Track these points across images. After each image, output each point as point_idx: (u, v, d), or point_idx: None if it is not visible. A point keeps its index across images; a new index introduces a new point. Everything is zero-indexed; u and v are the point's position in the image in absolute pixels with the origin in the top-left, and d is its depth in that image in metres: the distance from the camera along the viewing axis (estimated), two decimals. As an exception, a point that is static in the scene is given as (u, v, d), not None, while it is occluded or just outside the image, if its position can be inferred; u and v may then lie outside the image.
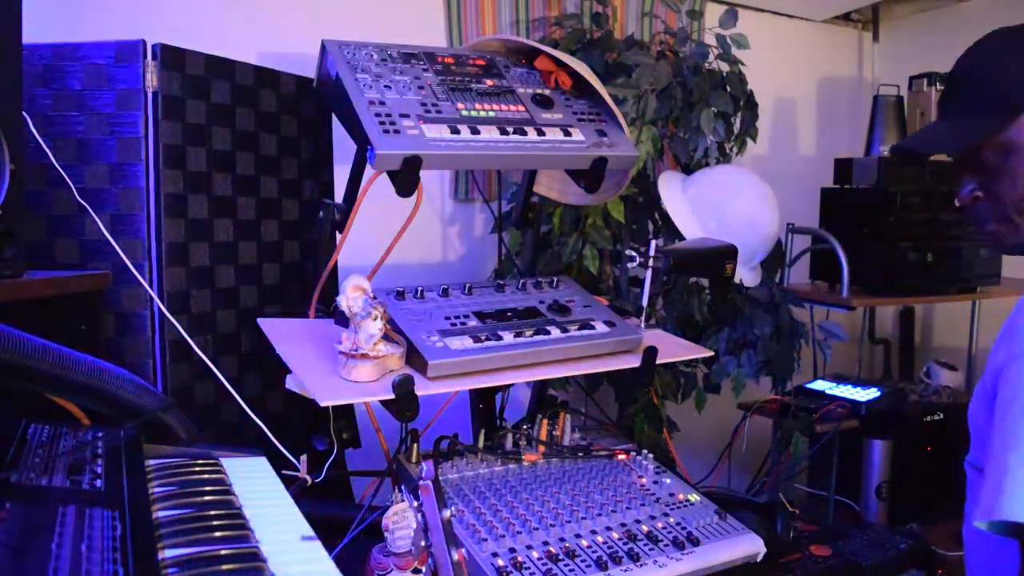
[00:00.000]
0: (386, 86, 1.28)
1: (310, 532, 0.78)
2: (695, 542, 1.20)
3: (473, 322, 1.29)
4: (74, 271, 1.33)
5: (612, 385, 2.04)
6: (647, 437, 1.94)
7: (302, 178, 1.69)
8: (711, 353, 1.64)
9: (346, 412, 1.33)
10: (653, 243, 1.53)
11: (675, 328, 1.88)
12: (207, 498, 0.81)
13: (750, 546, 1.24)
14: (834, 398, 2.20)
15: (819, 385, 2.34)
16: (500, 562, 1.09)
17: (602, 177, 1.39)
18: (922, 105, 2.44)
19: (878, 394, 2.18)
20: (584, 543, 1.15)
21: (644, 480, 1.37)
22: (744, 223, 1.82)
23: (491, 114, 1.32)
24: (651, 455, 1.45)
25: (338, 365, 1.16)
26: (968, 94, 1.03)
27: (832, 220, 2.46)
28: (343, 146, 1.62)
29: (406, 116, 1.24)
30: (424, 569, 1.06)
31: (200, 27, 1.90)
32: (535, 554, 1.11)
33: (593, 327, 1.36)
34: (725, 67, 2.03)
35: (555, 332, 1.31)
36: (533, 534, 1.15)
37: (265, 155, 1.59)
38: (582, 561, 1.11)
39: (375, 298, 1.16)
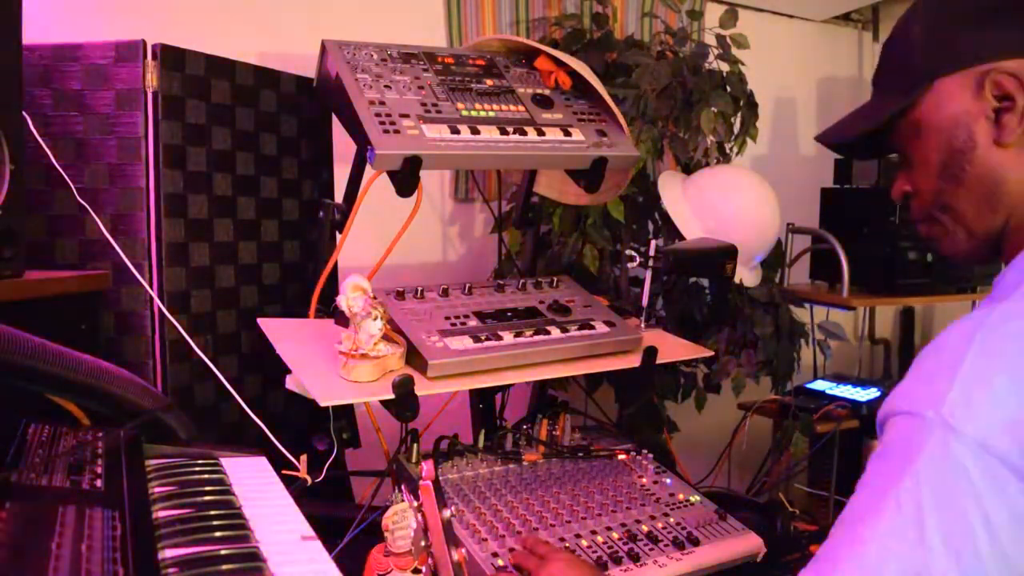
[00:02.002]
0: (386, 86, 1.28)
1: (310, 532, 0.78)
2: (695, 542, 1.20)
3: (473, 322, 1.29)
4: (74, 271, 1.33)
5: (612, 385, 2.04)
6: (647, 437, 1.94)
7: (302, 178, 1.69)
8: (711, 353, 1.64)
9: (346, 412, 1.33)
10: (653, 243, 1.53)
11: (675, 328, 1.88)
12: (207, 498, 0.81)
13: (750, 546, 1.24)
14: (834, 398, 2.19)
15: (819, 385, 2.34)
16: (500, 562, 1.09)
17: (602, 177, 1.39)
18: (922, 105, 2.43)
19: (878, 394, 2.18)
20: (584, 543, 1.15)
21: (644, 480, 1.37)
22: (744, 223, 1.82)
23: (491, 114, 1.32)
24: (651, 455, 1.45)
25: (338, 365, 1.16)
26: (881, 67, 0.88)
27: (832, 220, 2.46)
28: (343, 146, 1.62)
29: (406, 116, 1.24)
30: (424, 569, 1.05)
31: (200, 27, 1.90)
32: (535, 554, 1.11)
33: (593, 327, 1.36)
34: (725, 67, 2.03)
35: (555, 332, 1.31)
36: (533, 534, 1.15)
37: (265, 155, 1.59)
38: (582, 561, 1.11)
39: (375, 298, 1.16)
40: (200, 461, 0.92)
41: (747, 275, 1.89)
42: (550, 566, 1.02)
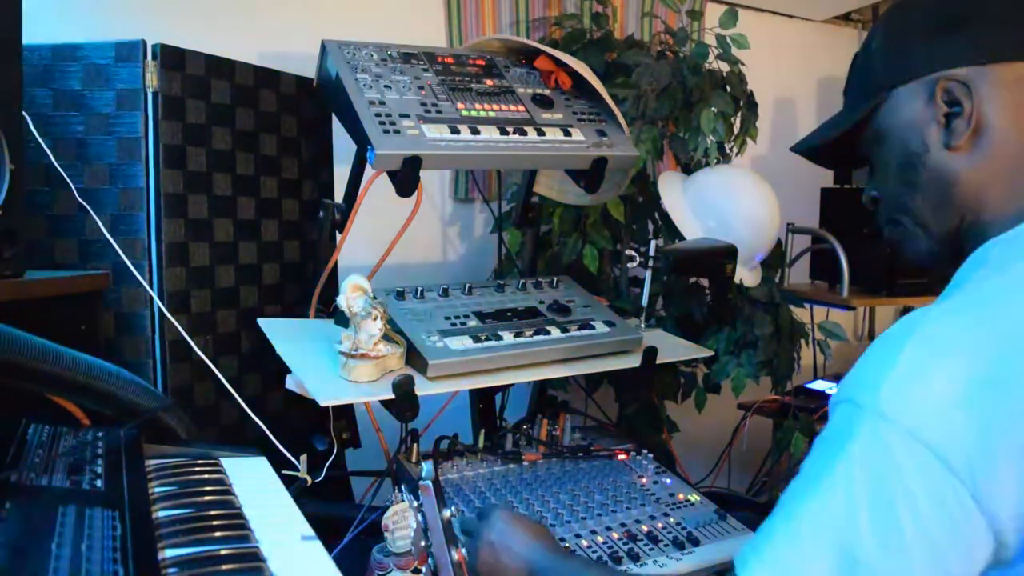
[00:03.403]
0: (386, 86, 1.28)
1: (310, 532, 0.78)
2: (695, 542, 1.20)
3: (473, 322, 1.29)
4: (74, 271, 1.33)
5: (612, 385, 2.04)
6: (647, 437, 1.94)
7: (302, 178, 1.69)
8: (711, 353, 1.64)
9: (346, 412, 1.33)
10: (653, 243, 1.54)
11: (675, 328, 1.88)
12: (207, 498, 0.81)
13: (750, 546, 1.24)
14: (834, 398, 2.19)
15: (819, 385, 2.33)
16: (500, 562, 1.09)
17: (602, 177, 1.39)
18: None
19: (878, 394, 2.17)
20: (584, 543, 1.15)
21: (644, 480, 1.37)
22: (744, 223, 1.82)
23: (491, 114, 1.32)
24: (651, 455, 1.45)
25: (338, 365, 1.16)
26: (848, 80, 0.95)
27: (832, 220, 2.45)
28: (343, 146, 1.63)
29: (406, 116, 1.24)
30: (424, 569, 1.05)
31: (200, 27, 1.90)
32: (535, 554, 1.11)
33: (593, 327, 1.36)
34: (725, 67, 2.02)
35: (555, 332, 1.31)
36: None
37: (265, 155, 1.59)
38: (582, 561, 1.11)
39: (375, 298, 1.16)
40: (200, 461, 0.92)
41: (747, 275, 1.89)
42: (491, 523, 1.02)
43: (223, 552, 0.69)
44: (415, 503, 1.08)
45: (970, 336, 0.68)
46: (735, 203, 1.84)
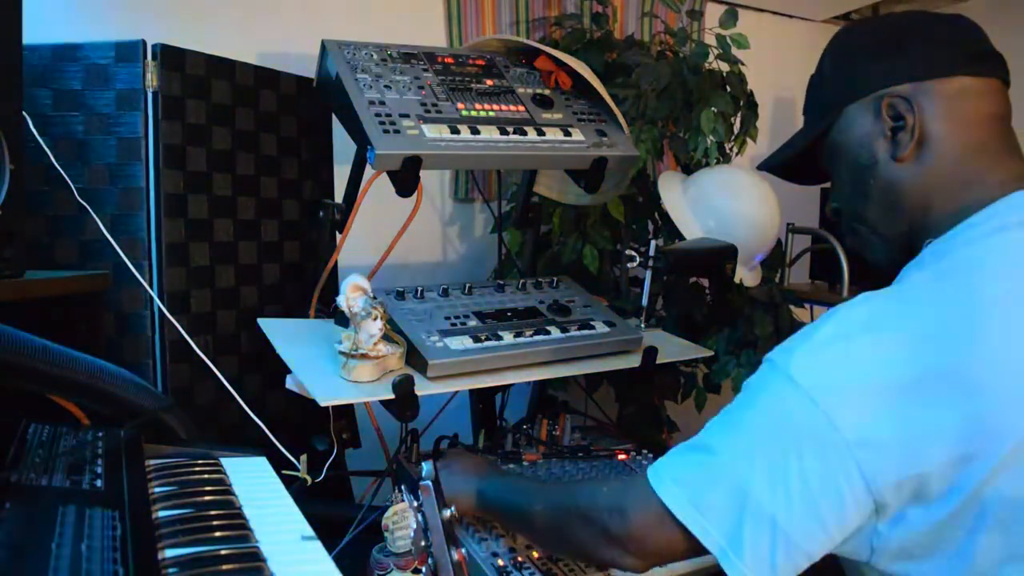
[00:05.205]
0: (386, 86, 1.28)
1: (310, 532, 0.78)
2: (695, 542, 1.19)
3: (473, 322, 1.29)
4: (74, 271, 1.33)
5: (612, 385, 2.04)
6: (647, 437, 1.93)
7: (302, 178, 1.69)
8: (711, 353, 1.64)
9: (346, 412, 1.33)
10: (653, 243, 1.53)
11: (675, 328, 1.88)
12: (207, 498, 0.81)
13: (750, 546, 1.24)
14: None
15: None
16: (500, 562, 1.09)
17: (602, 177, 1.39)
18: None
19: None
20: (584, 543, 1.15)
21: (644, 480, 1.37)
22: (744, 223, 1.82)
23: (491, 114, 1.32)
24: (651, 455, 1.45)
25: (338, 365, 1.16)
26: (806, 100, 1.01)
27: (832, 220, 2.45)
28: (343, 146, 1.63)
29: (406, 116, 1.24)
30: (424, 569, 1.05)
31: (200, 27, 1.90)
32: (535, 554, 1.11)
33: (593, 327, 1.36)
34: (725, 67, 2.02)
35: (555, 332, 1.31)
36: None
37: (265, 155, 1.59)
38: (582, 561, 1.11)
39: (375, 298, 1.16)
40: (200, 461, 0.92)
41: (747, 275, 1.89)
42: (446, 459, 1.15)
43: (223, 552, 0.69)
44: (415, 503, 1.08)
45: (880, 320, 0.75)
46: (735, 203, 1.84)
